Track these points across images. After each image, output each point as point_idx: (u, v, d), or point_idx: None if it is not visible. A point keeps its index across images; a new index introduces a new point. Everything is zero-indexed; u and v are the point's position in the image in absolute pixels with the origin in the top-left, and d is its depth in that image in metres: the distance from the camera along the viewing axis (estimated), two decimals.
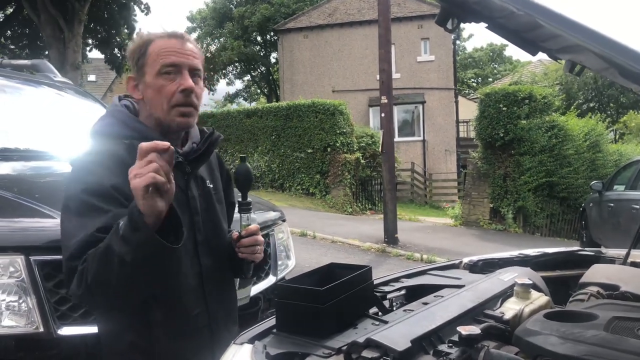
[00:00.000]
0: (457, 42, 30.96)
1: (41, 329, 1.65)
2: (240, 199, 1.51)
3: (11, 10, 20.00)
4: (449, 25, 1.46)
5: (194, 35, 37.91)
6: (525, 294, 1.39)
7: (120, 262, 1.13)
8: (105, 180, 1.28)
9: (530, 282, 1.42)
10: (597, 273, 1.69)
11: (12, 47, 20.30)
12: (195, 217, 1.45)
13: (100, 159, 1.33)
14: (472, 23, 1.47)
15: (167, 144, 1.12)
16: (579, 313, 1.25)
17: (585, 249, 2.20)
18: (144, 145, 1.11)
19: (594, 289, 1.57)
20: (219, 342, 1.40)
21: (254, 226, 1.49)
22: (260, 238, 1.50)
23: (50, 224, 1.81)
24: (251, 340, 1.10)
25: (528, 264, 1.88)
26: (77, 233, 1.24)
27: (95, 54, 21.55)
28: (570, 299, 1.60)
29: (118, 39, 20.06)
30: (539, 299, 1.40)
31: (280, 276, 2.66)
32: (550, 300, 1.45)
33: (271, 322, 1.21)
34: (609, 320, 1.14)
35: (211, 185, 1.54)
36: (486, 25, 1.60)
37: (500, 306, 1.37)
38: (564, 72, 1.59)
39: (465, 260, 1.93)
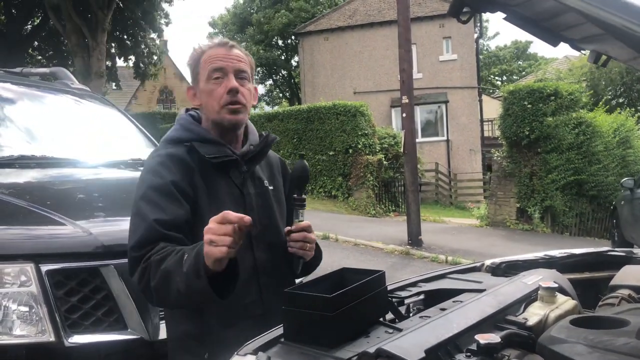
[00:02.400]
0: (480, 40, 30.52)
1: (52, 338, 1.64)
2: (295, 195, 1.57)
3: (38, 21, 20.49)
4: (463, 14, 1.39)
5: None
6: (551, 298, 1.31)
7: (177, 291, 1.27)
8: (165, 178, 1.43)
9: (556, 285, 1.34)
10: (628, 275, 1.59)
11: (40, 57, 20.78)
12: (251, 213, 1.49)
13: (162, 160, 1.49)
14: (488, 13, 1.40)
15: (249, 219, 1.21)
16: (609, 319, 1.16)
17: (616, 249, 2.09)
18: (229, 215, 1.20)
19: (625, 292, 1.48)
20: None
21: (304, 222, 1.55)
22: (311, 235, 1.56)
23: (61, 231, 1.80)
24: (255, 351, 1.05)
25: (554, 265, 1.79)
26: (139, 225, 1.38)
27: (119, 62, 21.88)
28: (600, 303, 1.51)
29: (143, 47, 20.33)
30: (566, 303, 1.31)
31: (297, 281, 2.61)
32: (578, 305, 1.37)
33: (280, 330, 1.16)
34: None
35: (270, 187, 1.64)
36: (503, 15, 1.53)
37: (523, 311, 1.29)
38: (588, 61, 1.50)
39: (487, 262, 1.85)
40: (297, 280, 2.23)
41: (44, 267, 1.67)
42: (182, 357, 1.48)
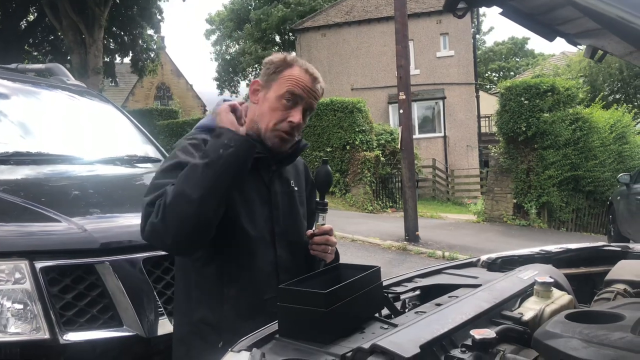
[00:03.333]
0: (477, 36, 30.46)
1: (47, 336, 1.63)
2: (318, 199, 1.61)
3: (33, 17, 20.37)
4: (459, 10, 1.38)
5: (213, 37, 38.20)
6: (546, 293, 1.31)
7: (203, 166, 1.33)
8: (190, 158, 1.43)
9: (552, 280, 1.34)
10: (624, 269, 1.59)
11: (36, 54, 20.67)
12: (275, 211, 1.57)
13: (196, 143, 1.51)
14: (484, 7, 1.39)
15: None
16: (604, 313, 1.16)
17: (612, 244, 2.09)
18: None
19: (621, 286, 1.48)
20: None
21: (327, 226, 1.58)
22: (332, 239, 1.58)
23: (55, 228, 1.79)
24: (250, 348, 1.04)
25: (550, 260, 1.79)
26: (159, 189, 1.37)
27: (117, 59, 21.74)
28: (595, 297, 1.51)
29: (141, 42, 20.23)
30: (561, 298, 1.31)
31: None
32: (574, 300, 1.36)
33: (275, 326, 1.15)
34: (637, 321, 1.05)
35: (296, 188, 1.65)
36: (500, 10, 1.52)
37: (519, 306, 1.29)
38: (584, 56, 1.49)
39: (483, 257, 1.85)
40: None
41: (39, 264, 1.66)
42: (194, 342, 1.48)
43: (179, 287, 1.57)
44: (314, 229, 1.59)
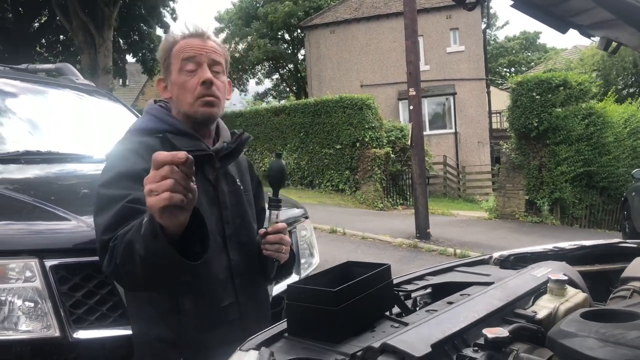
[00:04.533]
0: (488, 31, 30.25)
1: (57, 333, 1.63)
2: (271, 195, 1.50)
3: (45, 18, 20.56)
4: (469, 4, 1.35)
5: (222, 36, 38.29)
6: (560, 291, 1.28)
7: (141, 260, 1.12)
8: (137, 165, 1.32)
9: (566, 277, 1.31)
10: None
11: (47, 54, 20.86)
12: (224, 212, 1.49)
13: (133, 147, 1.41)
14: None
15: (183, 154, 1.02)
16: (621, 312, 1.13)
17: (627, 240, 2.05)
18: (159, 156, 1.02)
19: (637, 284, 1.44)
20: (250, 336, 1.37)
21: (281, 224, 1.48)
22: (286, 238, 1.49)
23: (65, 226, 1.79)
24: (258, 346, 1.03)
25: (563, 258, 1.76)
26: (110, 207, 1.25)
27: (129, 59, 21.91)
28: (611, 296, 1.48)
29: (148, 42, 20.36)
30: (576, 296, 1.28)
31: (303, 274, 2.60)
32: (589, 298, 1.33)
33: (284, 325, 1.14)
34: None
35: (241, 186, 1.57)
36: (511, 2, 1.49)
37: (532, 305, 1.27)
38: (598, 49, 1.46)
39: (496, 255, 1.82)
40: (270, 286, 2.20)
41: (48, 262, 1.66)
42: None
43: (129, 306, 1.48)
44: (266, 227, 1.48)
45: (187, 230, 1.10)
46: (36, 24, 20.81)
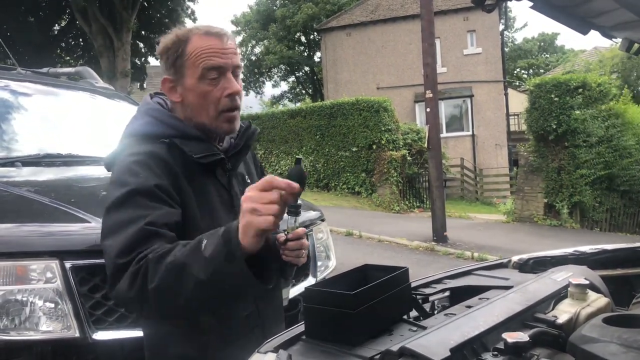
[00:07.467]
0: (506, 33, 30.05)
1: (77, 334, 1.65)
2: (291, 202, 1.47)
3: (65, 22, 20.88)
4: (487, 5, 1.34)
5: (239, 39, 38.55)
6: (582, 296, 1.26)
7: (197, 283, 1.07)
8: (149, 181, 1.23)
9: (587, 282, 1.29)
10: None
11: (67, 58, 21.18)
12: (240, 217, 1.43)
13: (142, 159, 1.27)
14: (514, 1, 1.35)
15: (297, 186, 1.08)
16: None
17: None
18: (274, 181, 1.07)
19: None
20: None
21: (301, 229, 1.40)
22: (306, 242, 1.43)
23: (85, 228, 1.82)
24: (276, 349, 1.03)
25: (584, 262, 1.73)
26: (125, 229, 1.16)
27: (152, 61, 22.17)
28: (634, 300, 1.45)
29: None
30: (597, 300, 1.26)
31: (320, 277, 2.60)
32: (611, 303, 1.31)
33: (301, 327, 1.14)
34: None
35: (249, 181, 1.50)
36: (530, 4, 1.48)
37: (552, 309, 1.25)
38: (619, 50, 1.44)
39: (515, 258, 1.80)
40: (286, 289, 2.19)
41: (68, 264, 1.69)
42: None
43: (143, 326, 1.39)
44: (286, 233, 1.40)
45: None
46: (56, 28, 21.15)
